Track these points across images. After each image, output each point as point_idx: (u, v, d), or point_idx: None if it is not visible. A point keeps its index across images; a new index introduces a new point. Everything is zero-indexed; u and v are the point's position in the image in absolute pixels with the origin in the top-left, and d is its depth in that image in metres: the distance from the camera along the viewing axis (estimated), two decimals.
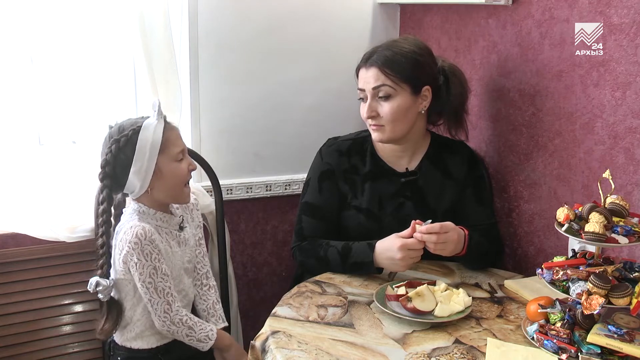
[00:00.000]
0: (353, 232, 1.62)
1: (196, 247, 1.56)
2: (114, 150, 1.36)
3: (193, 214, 1.57)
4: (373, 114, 1.55)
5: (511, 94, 1.68)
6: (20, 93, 1.69)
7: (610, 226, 1.14)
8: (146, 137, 1.36)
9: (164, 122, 1.41)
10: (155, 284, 1.37)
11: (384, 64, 1.52)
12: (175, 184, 1.41)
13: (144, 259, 1.36)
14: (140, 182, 1.38)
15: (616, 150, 1.39)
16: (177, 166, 1.41)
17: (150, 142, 1.36)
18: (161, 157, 1.38)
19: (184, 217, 1.51)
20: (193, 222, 1.56)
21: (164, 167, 1.39)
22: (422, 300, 1.30)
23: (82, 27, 1.76)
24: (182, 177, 1.42)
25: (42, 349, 1.80)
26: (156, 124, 1.38)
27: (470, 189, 1.64)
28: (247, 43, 1.93)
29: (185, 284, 1.49)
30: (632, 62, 1.33)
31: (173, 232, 1.46)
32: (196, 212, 1.58)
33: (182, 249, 1.47)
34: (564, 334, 1.14)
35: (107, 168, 1.38)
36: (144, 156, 1.36)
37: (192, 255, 1.52)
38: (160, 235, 1.41)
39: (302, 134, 2.06)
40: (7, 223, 1.69)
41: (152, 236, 1.37)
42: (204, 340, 1.43)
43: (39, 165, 1.74)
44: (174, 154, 1.40)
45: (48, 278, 1.77)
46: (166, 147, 1.39)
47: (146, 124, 1.38)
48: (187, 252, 1.49)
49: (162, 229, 1.44)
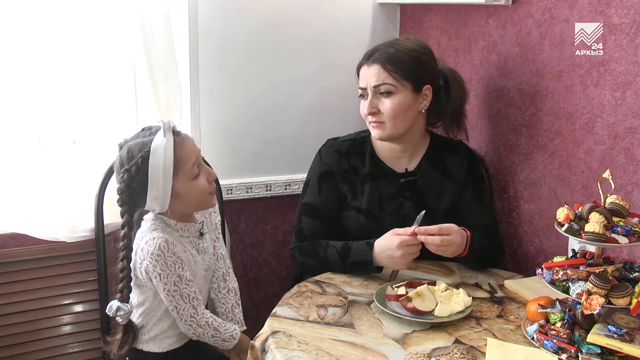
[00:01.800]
0: (353, 233, 1.62)
1: (213, 251, 1.53)
2: (127, 179, 1.32)
3: (212, 217, 1.54)
4: (374, 110, 1.55)
5: (511, 94, 1.68)
6: (20, 93, 1.69)
7: (610, 226, 1.14)
8: (157, 161, 1.30)
9: (173, 135, 1.34)
10: (180, 291, 1.36)
11: (386, 60, 1.52)
12: (197, 200, 1.38)
13: (168, 269, 1.34)
14: (159, 206, 1.35)
15: (616, 150, 1.39)
16: (194, 184, 1.36)
17: (161, 166, 1.31)
18: (176, 179, 1.33)
19: (203, 221, 1.48)
20: (211, 225, 1.53)
21: (181, 188, 1.35)
22: (422, 300, 1.30)
23: (82, 27, 1.76)
24: (202, 193, 1.38)
25: (42, 349, 1.80)
26: (165, 144, 1.31)
27: (470, 189, 1.64)
28: (247, 43, 1.93)
29: (203, 291, 1.48)
30: (632, 62, 1.33)
31: (193, 241, 1.44)
32: (214, 215, 1.55)
33: (202, 257, 1.46)
34: (564, 334, 1.14)
35: (124, 196, 1.34)
36: (158, 182, 1.32)
37: (210, 262, 1.50)
38: (182, 245, 1.40)
39: (302, 134, 2.06)
40: (7, 223, 1.69)
41: (175, 248, 1.35)
42: (229, 340, 1.44)
43: (39, 165, 1.74)
44: (188, 172, 1.35)
45: (48, 278, 1.77)
46: (179, 166, 1.33)
47: (154, 147, 1.31)
48: (205, 260, 1.47)
49: (184, 238, 1.42)
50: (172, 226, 1.40)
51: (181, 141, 1.36)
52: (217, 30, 1.88)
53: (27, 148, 1.72)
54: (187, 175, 1.35)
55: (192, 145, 1.38)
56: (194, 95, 1.89)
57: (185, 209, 1.40)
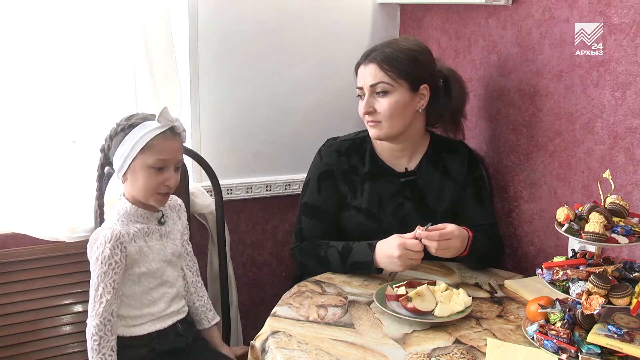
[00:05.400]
0: (353, 233, 1.62)
1: (182, 246, 1.58)
2: (113, 131, 1.43)
3: (180, 214, 1.59)
4: (370, 110, 1.55)
5: (511, 94, 1.68)
6: (20, 93, 1.69)
7: (610, 226, 1.14)
8: (138, 132, 1.40)
9: (169, 132, 1.42)
10: (94, 290, 1.40)
11: (382, 60, 1.52)
12: (142, 188, 1.42)
13: (104, 259, 1.39)
14: (118, 167, 1.43)
15: (616, 150, 1.39)
16: (149, 174, 1.41)
17: (137, 139, 1.39)
18: (139, 157, 1.40)
19: (165, 213, 1.53)
20: (180, 220, 1.58)
21: (137, 168, 1.41)
22: (422, 300, 1.30)
23: (82, 27, 1.76)
24: (149, 186, 1.42)
25: (42, 349, 1.79)
26: (153, 127, 1.40)
27: (470, 189, 1.64)
28: (247, 43, 1.93)
29: (170, 276, 1.50)
30: (632, 62, 1.33)
31: (152, 227, 1.48)
32: (183, 213, 1.60)
33: (163, 242, 1.49)
34: (564, 334, 1.14)
35: (105, 144, 1.45)
36: (129, 146, 1.39)
37: (175, 248, 1.52)
38: (135, 238, 1.43)
39: (302, 134, 2.06)
40: (7, 223, 1.69)
41: (122, 239, 1.40)
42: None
43: (39, 165, 1.74)
44: (149, 162, 1.40)
45: (48, 278, 1.77)
46: (147, 151, 1.40)
47: (146, 124, 1.41)
48: (169, 245, 1.50)
49: (142, 225, 1.46)
50: (133, 213, 1.45)
51: (168, 137, 1.42)
52: (217, 31, 1.88)
53: (27, 148, 1.72)
54: (147, 162, 1.40)
55: (173, 147, 1.43)
56: (194, 95, 1.89)
57: (132, 190, 1.44)
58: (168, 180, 1.42)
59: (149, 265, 1.45)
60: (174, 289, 1.51)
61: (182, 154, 1.48)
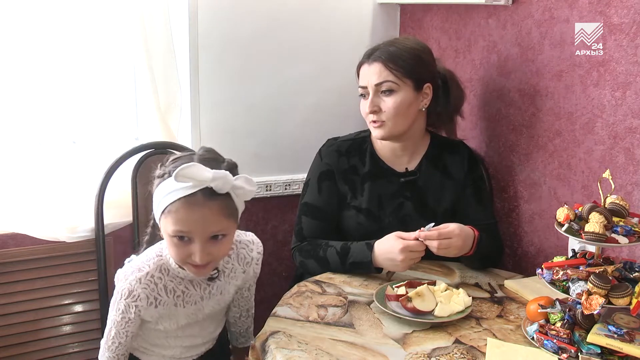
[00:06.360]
0: (353, 233, 1.62)
1: (240, 299, 1.41)
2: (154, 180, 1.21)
3: (247, 267, 1.34)
4: (375, 109, 1.55)
5: (511, 94, 1.68)
6: (20, 93, 1.69)
7: (610, 226, 1.14)
8: (157, 195, 1.18)
9: (200, 195, 1.12)
10: (109, 328, 1.27)
11: (388, 59, 1.53)
12: (171, 255, 1.21)
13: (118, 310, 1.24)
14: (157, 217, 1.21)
15: (616, 150, 1.39)
16: (172, 243, 1.17)
17: (159, 198, 1.17)
18: (162, 220, 1.17)
19: (222, 269, 1.30)
20: (244, 274, 1.34)
21: (163, 231, 1.19)
22: (422, 300, 1.30)
23: (83, 27, 1.76)
24: (175, 256, 1.19)
25: (42, 349, 1.80)
26: (173, 191, 1.13)
27: (470, 189, 1.64)
28: (247, 43, 1.93)
29: (201, 330, 1.34)
30: (632, 62, 1.33)
31: (193, 290, 1.27)
32: (254, 267, 1.36)
33: (205, 302, 1.29)
34: (564, 334, 1.14)
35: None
36: (154, 205, 1.19)
37: (218, 306, 1.33)
38: (159, 303, 1.23)
39: (302, 134, 2.06)
40: (7, 223, 1.69)
41: (152, 286, 1.22)
42: None
43: (39, 165, 1.74)
44: (169, 230, 1.15)
45: (48, 278, 1.77)
46: (167, 216, 1.15)
47: (165, 184, 1.15)
48: (209, 305, 1.31)
49: (178, 286, 1.26)
50: (173, 267, 1.24)
51: (195, 202, 1.12)
52: (217, 30, 1.88)
53: (28, 148, 1.72)
54: (167, 229, 1.16)
55: (201, 214, 1.12)
56: (194, 95, 1.89)
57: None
58: (194, 255, 1.14)
59: (172, 324, 1.28)
60: (199, 339, 1.35)
61: (221, 223, 1.15)
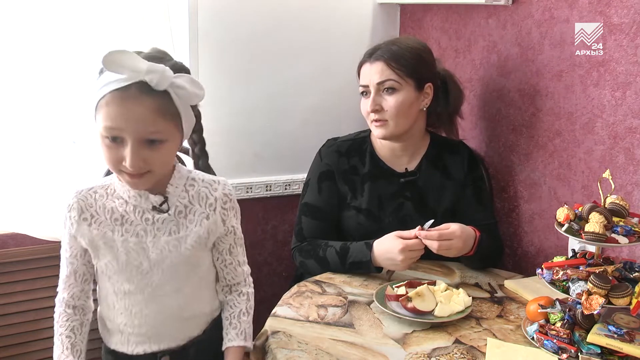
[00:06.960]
0: (353, 233, 1.62)
1: (219, 255, 1.24)
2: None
3: (209, 209, 1.15)
4: (377, 108, 1.55)
5: (511, 94, 1.68)
6: (20, 93, 1.69)
7: (610, 226, 1.14)
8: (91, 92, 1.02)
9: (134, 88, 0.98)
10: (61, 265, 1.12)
11: (390, 57, 1.53)
12: (105, 161, 1.05)
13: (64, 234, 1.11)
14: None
15: (616, 150, 1.39)
16: (104, 144, 1.03)
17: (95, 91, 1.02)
18: (96, 119, 1.03)
19: (174, 201, 1.12)
20: (207, 219, 1.15)
21: (97, 133, 1.03)
22: (422, 300, 1.30)
23: (83, 26, 1.75)
24: (107, 161, 1.04)
25: (43, 349, 1.80)
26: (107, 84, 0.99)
27: (470, 189, 1.64)
28: (247, 43, 1.93)
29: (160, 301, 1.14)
30: (632, 62, 1.33)
31: (134, 215, 1.10)
32: (219, 211, 1.16)
33: (150, 239, 1.10)
34: (564, 334, 1.14)
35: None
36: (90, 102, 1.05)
37: (180, 254, 1.13)
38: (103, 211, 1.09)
39: (302, 134, 2.06)
40: (7, 223, 1.69)
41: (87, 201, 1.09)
42: None
43: (39, 165, 1.74)
44: (101, 129, 1.01)
45: (48, 278, 1.77)
46: (99, 113, 1.01)
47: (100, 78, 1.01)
48: (160, 245, 1.11)
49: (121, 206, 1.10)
50: (118, 187, 1.11)
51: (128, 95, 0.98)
52: (217, 30, 1.88)
53: (28, 148, 1.72)
54: (99, 128, 1.02)
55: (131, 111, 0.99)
56: None
57: None
58: (126, 159, 1.01)
59: (112, 260, 1.10)
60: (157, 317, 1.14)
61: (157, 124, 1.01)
